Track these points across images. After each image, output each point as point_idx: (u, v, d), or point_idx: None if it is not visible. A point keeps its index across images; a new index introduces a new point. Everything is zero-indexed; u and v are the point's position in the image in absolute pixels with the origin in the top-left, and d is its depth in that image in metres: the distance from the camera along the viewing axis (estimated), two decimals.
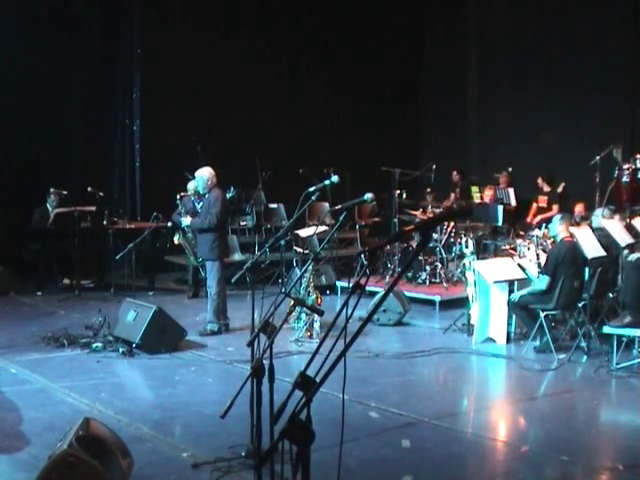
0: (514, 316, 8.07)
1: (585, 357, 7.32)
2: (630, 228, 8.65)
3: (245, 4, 13.17)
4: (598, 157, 10.34)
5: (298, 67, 13.69)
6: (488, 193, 11.51)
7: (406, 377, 7.00)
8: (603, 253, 7.58)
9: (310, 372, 2.56)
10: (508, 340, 8.02)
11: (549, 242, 8.40)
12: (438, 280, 10.35)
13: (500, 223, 10.93)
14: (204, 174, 8.21)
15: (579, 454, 5.11)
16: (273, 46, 13.37)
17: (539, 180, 11.74)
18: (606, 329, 7.07)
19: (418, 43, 15.70)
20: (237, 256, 11.35)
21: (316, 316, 7.88)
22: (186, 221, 8.71)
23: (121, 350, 7.41)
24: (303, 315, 8.11)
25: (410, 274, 10.45)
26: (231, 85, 12.87)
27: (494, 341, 8.04)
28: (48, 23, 11.43)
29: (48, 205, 10.91)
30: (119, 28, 12.59)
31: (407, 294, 9.50)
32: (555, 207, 11.42)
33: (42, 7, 11.32)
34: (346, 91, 14.06)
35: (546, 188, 11.70)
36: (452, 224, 10.53)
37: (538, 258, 8.03)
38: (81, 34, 11.93)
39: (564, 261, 7.46)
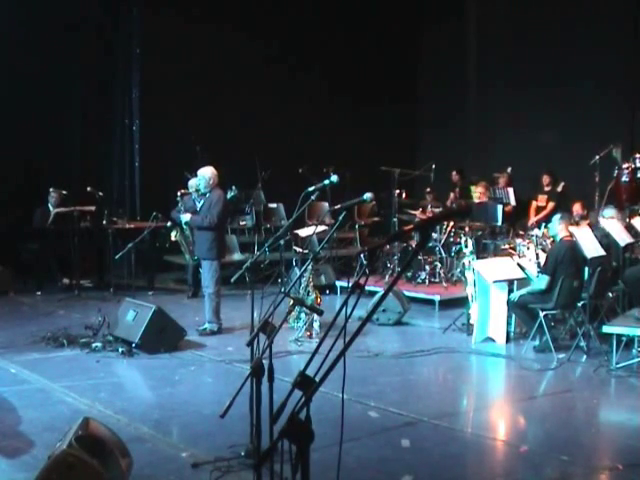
0: (514, 316, 8.07)
1: (585, 357, 7.32)
2: (630, 228, 8.65)
3: (245, 4, 13.16)
4: (598, 157, 10.34)
5: (298, 67, 13.68)
6: (480, 191, 11.35)
7: (406, 377, 7.00)
8: (603, 252, 7.58)
9: (310, 372, 2.56)
10: (508, 340, 8.02)
11: (549, 242, 8.39)
12: (438, 280, 10.35)
13: (500, 223, 10.91)
14: (206, 173, 8.22)
15: (579, 454, 5.10)
16: (273, 46, 13.37)
17: (545, 177, 11.58)
18: (606, 328, 7.07)
19: (417, 43, 15.70)
20: (236, 256, 11.34)
21: (316, 316, 7.88)
22: (186, 217, 8.65)
23: (121, 350, 7.41)
24: (303, 315, 8.11)
25: (409, 274, 10.45)
26: (231, 85, 12.87)
27: (494, 341, 8.04)
28: (48, 23, 11.41)
29: (50, 205, 10.90)
30: (118, 28, 12.59)
31: (407, 294, 9.50)
32: (551, 205, 11.38)
33: (41, 7, 11.30)
34: (346, 91, 14.05)
35: (548, 186, 11.66)
36: (451, 224, 10.53)
37: (537, 258, 8.02)
38: (80, 34, 11.92)
39: (564, 260, 7.46)
